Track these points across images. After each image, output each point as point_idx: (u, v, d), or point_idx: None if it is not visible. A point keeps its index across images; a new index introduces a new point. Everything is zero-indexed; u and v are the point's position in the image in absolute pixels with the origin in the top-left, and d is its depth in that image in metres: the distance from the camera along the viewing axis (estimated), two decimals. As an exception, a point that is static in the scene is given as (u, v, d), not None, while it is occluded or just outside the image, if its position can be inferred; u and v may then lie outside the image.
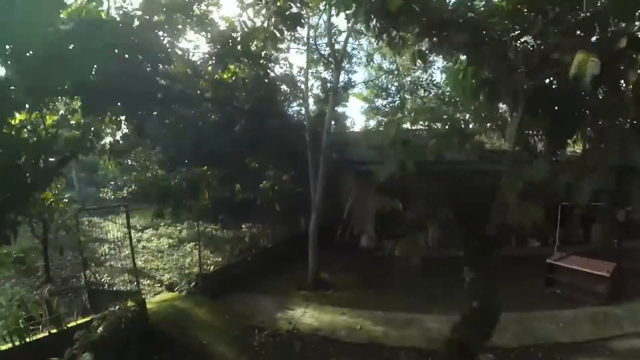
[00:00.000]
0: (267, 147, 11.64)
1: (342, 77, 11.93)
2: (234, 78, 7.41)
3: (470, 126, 11.74)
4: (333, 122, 13.30)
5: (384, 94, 14.15)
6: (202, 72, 7.08)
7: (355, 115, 49.47)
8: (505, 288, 8.52)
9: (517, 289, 8.53)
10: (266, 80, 12.73)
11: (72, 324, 5.78)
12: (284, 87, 13.25)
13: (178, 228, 14.42)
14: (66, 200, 8.52)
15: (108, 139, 6.98)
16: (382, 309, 7.55)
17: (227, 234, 12.89)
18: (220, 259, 10.14)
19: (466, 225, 13.03)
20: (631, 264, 8.67)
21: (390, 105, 14.02)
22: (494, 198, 5.07)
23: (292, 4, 5.35)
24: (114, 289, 8.57)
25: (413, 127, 16.85)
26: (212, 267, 9.44)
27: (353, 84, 12.14)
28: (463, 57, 4.86)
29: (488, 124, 10.42)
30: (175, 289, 8.41)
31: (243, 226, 12.95)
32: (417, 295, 8.46)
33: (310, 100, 12.82)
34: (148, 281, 9.47)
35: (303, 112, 11.35)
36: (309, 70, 10.99)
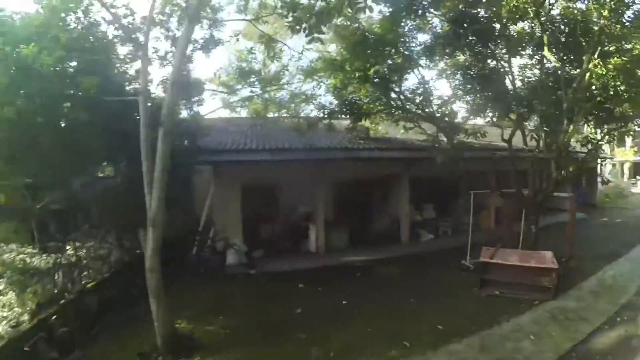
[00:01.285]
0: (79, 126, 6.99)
1: (203, 32, 8.32)
2: None
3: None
4: (187, 109, 9.40)
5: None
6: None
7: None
8: (437, 299, 6.62)
9: (450, 298, 6.76)
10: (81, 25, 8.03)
11: None
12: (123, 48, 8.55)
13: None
14: None
15: None
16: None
17: (47, 261, 7.51)
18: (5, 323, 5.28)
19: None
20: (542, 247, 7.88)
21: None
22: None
23: None
24: None
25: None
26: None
27: (218, 41, 8.53)
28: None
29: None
30: None
31: (68, 247, 7.89)
32: (325, 337, 5.44)
33: (156, 66, 8.59)
34: None
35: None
36: (154, 15, 6.96)
